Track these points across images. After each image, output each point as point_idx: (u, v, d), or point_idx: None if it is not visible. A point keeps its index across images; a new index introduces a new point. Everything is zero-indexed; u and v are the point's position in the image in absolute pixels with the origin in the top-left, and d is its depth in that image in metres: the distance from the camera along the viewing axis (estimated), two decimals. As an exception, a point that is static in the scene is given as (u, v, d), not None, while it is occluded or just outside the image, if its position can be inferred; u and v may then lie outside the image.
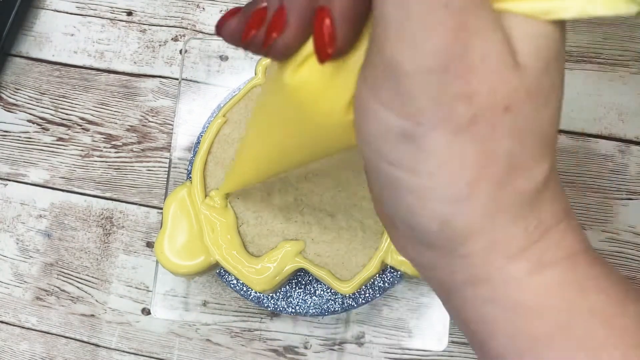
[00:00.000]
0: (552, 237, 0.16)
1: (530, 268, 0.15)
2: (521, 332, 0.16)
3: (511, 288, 0.16)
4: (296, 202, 0.32)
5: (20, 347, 0.40)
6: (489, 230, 0.15)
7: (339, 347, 0.38)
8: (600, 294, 0.15)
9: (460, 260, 0.16)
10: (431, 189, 0.15)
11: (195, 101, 0.40)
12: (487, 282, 0.16)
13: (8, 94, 0.43)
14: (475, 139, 0.14)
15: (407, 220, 0.16)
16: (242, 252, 0.32)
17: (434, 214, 0.15)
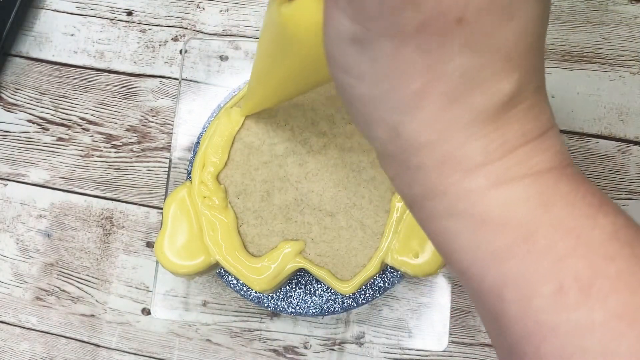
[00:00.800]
0: (518, 156, 0.15)
1: (490, 184, 0.15)
2: (482, 245, 0.16)
3: (469, 202, 0.16)
4: (296, 202, 0.32)
5: (20, 347, 0.40)
6: (441, 144, 0.15)
7: (339, 347, 0.38)
8: (567, 208, 0.15)
9: (416, 172, 0.16)
10: (377, 97, 0.15)
11: (195, 101, 0.40)
12: (444, 196, 0.16)
13: (8, 94, 0.43)
14: (422, 49, 0.14)
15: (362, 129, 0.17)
16: (242, 252, 0.32)
17: (383, 122, 0.16)
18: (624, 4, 0.41)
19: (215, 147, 0.32)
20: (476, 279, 0.16)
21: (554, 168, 0.16)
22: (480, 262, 0.16)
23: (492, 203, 0.15)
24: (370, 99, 0.15)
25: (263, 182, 0.32)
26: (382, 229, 0.31)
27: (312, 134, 0.32)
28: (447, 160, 0.15)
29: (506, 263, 0.15)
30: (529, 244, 0.15)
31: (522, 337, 0.15)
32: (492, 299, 0.16)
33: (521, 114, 0.15)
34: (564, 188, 0.16)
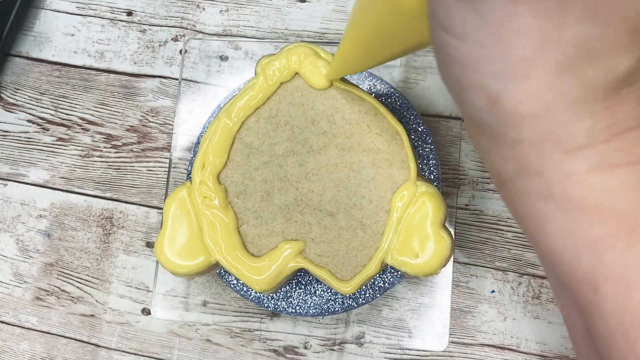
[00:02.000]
0: (626, 140, 0.14)
1: (592, 167, 0.14)
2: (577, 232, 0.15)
3: (568, 184, 0.14)
4: (296, 202, 0.32)
5: (20, 347, 0.40)
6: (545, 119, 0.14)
7: (339, 347, 0.38)
8: None
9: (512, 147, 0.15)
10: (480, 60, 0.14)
11: (195, 101, 0.40)
12: (540, 176, 0.15)
13: (8, 94, 0.43)
14: (538, 11, 0.12)
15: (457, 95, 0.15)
16: (243, 252, 0.32)
17: (482, 89, 0.14)
18: (623, 4, 0.41)
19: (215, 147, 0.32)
20: (567, 267, 0.15)
21: None
22: (574, 250, 0.15)
23: (593, 188, 0.14)
24: (472, 62, 0.14)
25: (263, 182, 0.32)
26: (382, 229, 0.31)
27: (312, 134, 0.32)
28: (549, 137, 0.14)
29: (605, 253, 0.14)
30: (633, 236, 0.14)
31: (616, 332, 0.14)
32: (584, 290, 0.15)
33: (635, 94, 0.14)
34: None
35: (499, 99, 0.14)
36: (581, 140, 0.14)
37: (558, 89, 0.13)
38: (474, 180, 0.39)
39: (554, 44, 0.13)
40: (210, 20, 0.43)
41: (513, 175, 0.16)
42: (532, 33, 0.13)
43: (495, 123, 0.15)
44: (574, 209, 0.15)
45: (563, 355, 0.37)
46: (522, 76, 0.13)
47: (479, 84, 0.14)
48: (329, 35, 0.42)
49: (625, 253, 0.14)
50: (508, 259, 0.38)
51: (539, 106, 0.14)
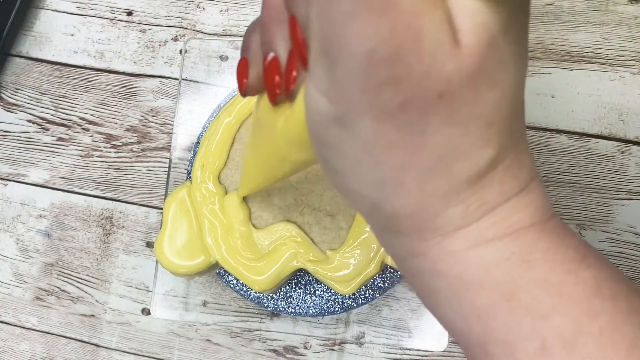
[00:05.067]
0: (496, 215, 0.15)
1: (468, 245, 0.15)
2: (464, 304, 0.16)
3: (451, 262, 0.16)
4: (296, 202, 0.32)
5: (20, 347, 0.40)
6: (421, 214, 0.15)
7: (339, 348, 0.38)
8: (548, 264, 0.15)
9: (397, 237, 0.16)
10: (358, 173, 0.15)
11: (195, 101, 0.40)
12: (424, 256, 0.16)
13: (8, 94, 0.43)
14: (403, 126, 0.13)
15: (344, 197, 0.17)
16: (252, 245, 0.32)
17: (363, 197, 0.16)
18: (624, 4, 0.40)
19: (215, 147, 0.32)
20: (462, 333, 0.17)
21: (535, 224, 0.16)
22: (464, 319, 0.16)
23: (471, 263, 0.16)
24: (352, 175, 0.15)
25: (263, 182, 0.32)
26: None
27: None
28: (426, 226, 0.15)
29: (490, 321, 0.16)
30: (511, 303, 0.15)
31: None
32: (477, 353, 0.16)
33: (500, 174, 0.15)
34: (544, 244, 0.16)
35: (378, 205, 0.15)
36: (457, 223, 0.15)
37: (430, 188, 0.15)
38: (474, 180, 0.39)
39: (420, 151, 0.14)
40: (210, 20, 0.43)
41: (403, 257, 0.17)
42: (400, 146, 0.14)
43: (378, 221, 0.16)
44: (457, 282, 0.16)
45: (563, 355, 0.37)
46: (395, 185, 0.15)
47: (359, 193, 0.16)
48: (329, 35, 0.42)
49: (507, 319, 0.15)
50: (508, 259, 0.38)
51: (414, 207, 0.15)
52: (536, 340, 0.15)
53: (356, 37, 0.12)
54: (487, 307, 0.16)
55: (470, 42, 0.13)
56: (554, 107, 0.40)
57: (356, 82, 0.13)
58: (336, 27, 0.12)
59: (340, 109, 0.14)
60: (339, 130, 0.14)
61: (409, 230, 0.16)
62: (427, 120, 0.13)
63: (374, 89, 0.13)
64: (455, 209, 0.15)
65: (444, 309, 0.17)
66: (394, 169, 0.14)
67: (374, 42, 0.12)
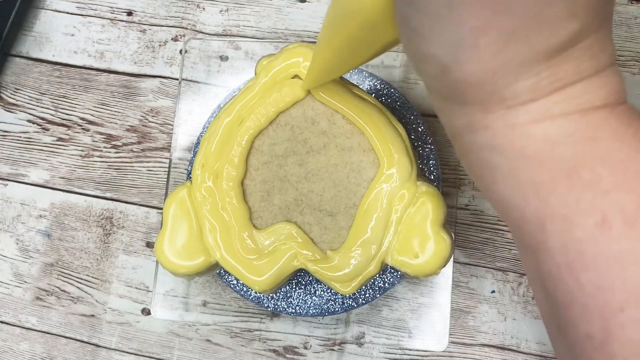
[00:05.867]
0: (567, 92, 0.15)
1: (533, 119, 0.15)
2: (522, 179, 0.16)
3: (512, 135, 0.15)
4: (296, 202, 0.32)
5: (20, 347, 0.40)
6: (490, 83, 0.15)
7: (339, 348, 0.38)
8: (615, 142, 0.15)
9: (461, 107, 0.16)
10: (434, 31, 0.14)
11: (195, 101, 0.40)
12: (485, 129, 0.16)
13: (8, 94, 0.43)
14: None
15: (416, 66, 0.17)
16: (243, 250, 0.32)
17: (434, 59, 0.15)
18: (624, 4, 0.40)
19: (215, 147, 0.32)
20: (517, 210, 0.16)
21: (606, 105, 0.15)
22: (521, 195, 0.16)
23: (533, 138, 0.15)
24: (429, 34, 0.15)
25: (263, 182, 0.32)
26: (382, 229, 0.31)
27: (312, 134, 0.32)
28: (494, 97, 0.15)
29: (548, 196, 0.15)
30: (572, 178, 0.15)
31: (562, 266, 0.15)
32: (533, 230, 0.16)
33: (579, 52, 0.15)
34: (614, 124, 0.15)
35: (449, 69, 0.15)
36: (525, 97, 0.15)
37: (504, 56, 0.14)
38: (474, 180, 0.39)
39: (503, 12, 0.13)
40: (210, 20, 0.43)
41: (462, 130, 0.17)
42: (483, 4, 0.13)
43: (446, 88, 0.16)
44: (517, 157, 0.16)
45: (563, 355, 0.37)
46: (470, 46, 0.14)
47: (432, 54, 0.15)
48: (329, 35, 0.42)
49: (566, 194, 0.15)
50: (508, 259, 0.38)
51: (485, 74, 0.14)
52: (596, 215, 0.14)
53: None
54: (546, 182, 0.15)
55: None
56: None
57: None
58: None
59: None
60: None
61: (474, 99, 0.15)
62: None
63: None
64: (526, 81, 0.15)
65: (499, 186, 0.16)
66: (473, 29, 0.14)
67: None
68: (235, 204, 0.32)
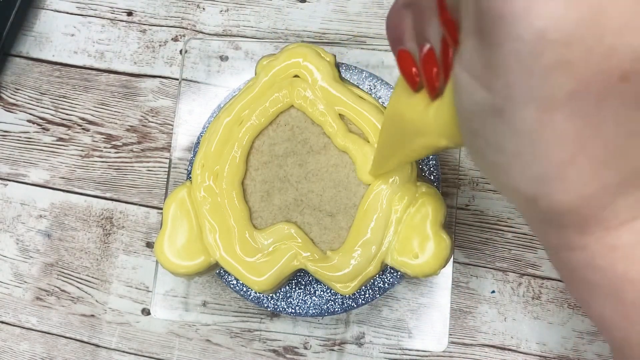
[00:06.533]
0: None
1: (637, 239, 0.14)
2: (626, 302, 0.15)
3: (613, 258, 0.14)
4: (296, 202, 0.32)
5: (20, 348, 0.40)
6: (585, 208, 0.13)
7: (339, 348, 0.38)
8: None
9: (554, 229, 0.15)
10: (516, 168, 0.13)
11: (195, 101, 0.40)
12: (583, 250, 0.15)
13: (8, 94, 0.43)
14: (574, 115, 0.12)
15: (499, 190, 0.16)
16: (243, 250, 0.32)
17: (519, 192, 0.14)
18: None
19: (215, 147, 0.32)
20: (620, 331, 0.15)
21: None
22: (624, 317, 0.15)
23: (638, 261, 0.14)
24: (508, 169, 0.14)
25: (263, 182, 0.32)
26: (382, 230, 0.31)
27: (312, 134, 0.32)
28: (590, 220, 0.14)
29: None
30: None
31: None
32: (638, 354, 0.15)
33: None
34: None
35: (535, 200, 0.14)
36: (624, 216, 0.14)
37: (598, 183, 0.13)
38: (474, 180, 0.39)
39: (592, 142, 0.12)
40: (210, 20, 0.43)
41: (558, 248, 0.16)
42: (568, 136, 0.12)
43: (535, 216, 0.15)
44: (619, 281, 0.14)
45: (563, 355, 0.37)
46: (558, 179, 0.13)
47: (515, 188, 0.14)
48: (329, 36, 0.42)
49: None
50: (508, 260, 0.38)
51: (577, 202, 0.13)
52: None
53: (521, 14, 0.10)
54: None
55: None
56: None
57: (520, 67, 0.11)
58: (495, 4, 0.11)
59: (499, 97, 0.12)
60: (496, 121, 0.13)
61: (568, 223, 0.14)
62: (604, 106, 0.11)
63: (542, 74, 0.11)
64: (626, 200, 0.13)
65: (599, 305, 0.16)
66: (559, 163, 0.13)
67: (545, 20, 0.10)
68: (236, 204, 0.32)
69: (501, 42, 0.11)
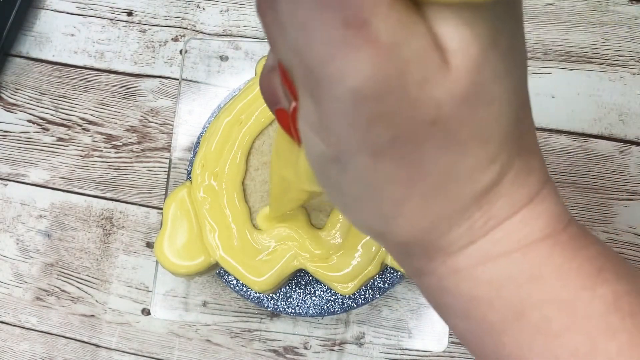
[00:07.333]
0: (504, 230, 0.15)
1: (476, 261, 0.15)
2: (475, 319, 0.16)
3: (457, 280, 0.16)
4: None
5: (20, 348, 0.40)
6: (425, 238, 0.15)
7: (339, 348, 0.38)
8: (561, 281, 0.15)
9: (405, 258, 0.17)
10: (360, 209, 0.15)
11: (195, 101, 0.40)
12: (432, 275, 0.16)
13: (8, 94, 0.43)
14: (398, 159, 0.13)
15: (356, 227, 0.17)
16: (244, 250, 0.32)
17: (368, 229, 0.16)
18: (624, 4, 0.40)
19: (215, 147, 0.32)
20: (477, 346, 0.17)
21: (547, 236, 0.15)
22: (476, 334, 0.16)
23: (478, 281, 0.15)
24: (355, 210, 0.15)
25: (263, 183, 0.32)
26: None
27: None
28: (432, 248, 0.15)
29: (501, 337, 0.15)
30: (521, 322, 0.15)
31: None
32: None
33: (507, 185, 0.14)
34: (557, 259, 0.15)
35: (383, 236, 0.16)
36: (461, 242, 0.15)
37: (431, 215, 0.14)
38: (474, 180, 0.39)
39: (418, 181, 0.13)
40: (210, 20, 0.43)
41: (414, 275, 0.17)
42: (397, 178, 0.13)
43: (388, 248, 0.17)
44: (466, 300, 0.16)
45: (563, 355, 0.37)
46: (397, 216, 0.14)
47: (364, 226, 0.16)
48: (329, 36, 0.42)
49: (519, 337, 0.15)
50: (508, 260, 0.38)
51: (416, 234, 0.15)
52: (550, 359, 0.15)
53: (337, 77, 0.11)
54: (497, 323, 0.15)
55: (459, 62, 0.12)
56: (554, 107, 0.40)
57: (344, 121, 0.12)
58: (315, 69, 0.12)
59: (333, 148, 0.13)
60: (336, 168, 0.14)
61: (416, 252, 0.16)
62: (422, 149, 0.13)
63: (364, 126, 0.12)
64: (460, 228, 0.15)
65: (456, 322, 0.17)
66: (394, 202, 0.14)
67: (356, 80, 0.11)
68: (236, 204, 0.32)
69: (324, 101, 0.12)
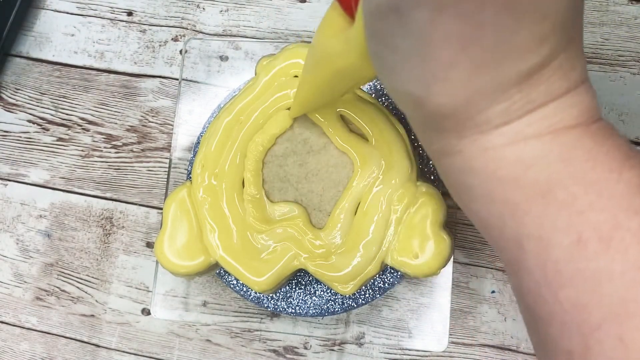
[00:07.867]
0: (539, 114, 0.15)
1: (506, 142, 0.15)
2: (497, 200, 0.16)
3: (485, 159, 0.16)
4: (296, 202, 0.32)
5: (20, 348, 0.40)
6: (463, 112, 0.15)
7: (339, 348, 0.38)
8: (589, 162, 0.15)
9: (436, 134, 0.17)
10: (406, 69, 0.15)
11: (196, 101, 0.40)
12: (460, 153, 0.16)
13: (8, 94, 0.43)
14: (460, 16, 0.13)
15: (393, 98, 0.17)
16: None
17: (408, 94, 0.16)
18: (624, 4, 0.40)
19: (215, 147, 0.32)
20: (495, 229, 0.17)
21: (579, 124, 0.15)
22: (498, 215, 0.16)
23: (507, 160, 0.15)
24: (400, 71, 0.15)
25: (263, 183, 0.32)
26: (382, 230, 0.31)
27: (312, 134, 0.32)
28: (467, 124, 0.15)
29: (524, 216, 0.16)
30: (547, 199, 0.15)
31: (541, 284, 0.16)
32: (512, 248, 0.16)
33: (550, 73, 0.15)
34: (587, 143, 0.15)
35: (421, 102, 0.15)
36: (497, 121, 0.15)
37: (475, 86, 0.14)
38: (474, 180, 0.39)
39: (472, 44, 0.13)
40: (210, 20, 0.43)
41: (440, 154, 0.17)
42: (452, 37, 0.13)
43: (422, 118, 0.17)
44: (492, 180, 0.16)
45: (563, 355, 0.37)
46: (442, 80, 0.14)
47: (404, 90, 0.16)
48: (329, 36, 0.42)
49: (542, 215, 0.15)
50: (508, 260, 0.38)
51: (457, 104, 0.15)
52: (571, 235, 0.15)
53: None
54: (521, 202, 0.16)
55: None
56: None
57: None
58: None
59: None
60: (394, 20, 0.14)
61: (448, 127, 0.16)
62: (484, 10, 0.13)
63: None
64: (499, 106, 0.15)
65: (477, 206, 0.17)
66: (444, 63, 0.14)
67: None
68: (236, 204, 0.32)
69: None
